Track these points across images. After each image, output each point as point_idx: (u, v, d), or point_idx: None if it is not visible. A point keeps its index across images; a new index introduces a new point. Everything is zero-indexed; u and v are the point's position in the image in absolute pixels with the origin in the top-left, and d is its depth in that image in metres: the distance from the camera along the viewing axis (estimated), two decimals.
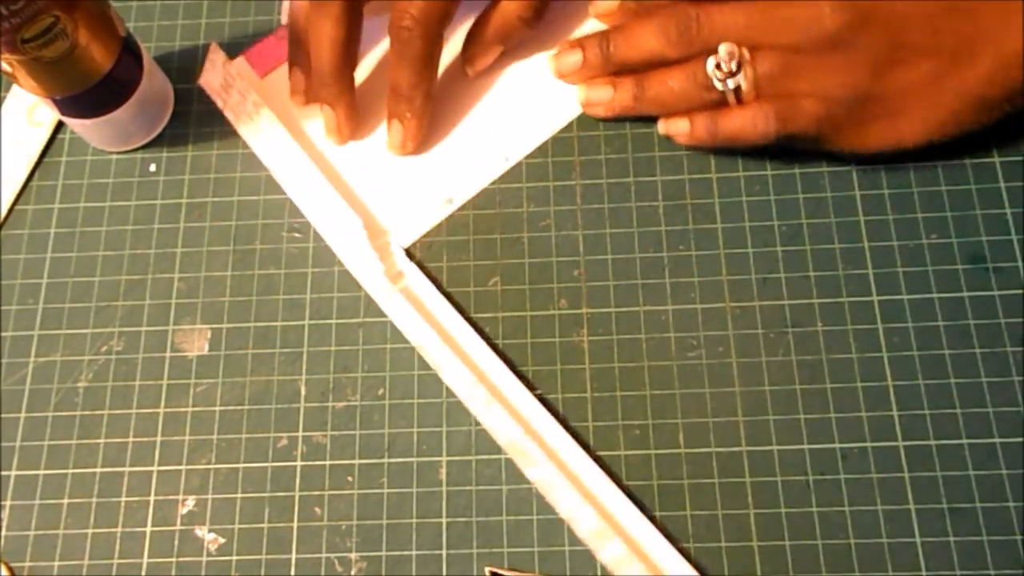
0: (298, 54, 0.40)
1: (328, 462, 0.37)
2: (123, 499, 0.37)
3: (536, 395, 0.36)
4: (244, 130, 0.41)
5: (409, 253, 0.39)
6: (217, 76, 0.42)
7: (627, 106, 0.39)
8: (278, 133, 0.40)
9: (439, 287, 0.38)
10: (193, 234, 0.41)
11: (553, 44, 0.42)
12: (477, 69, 0.41)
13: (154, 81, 0.41)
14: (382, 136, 0.41)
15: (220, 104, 0.42)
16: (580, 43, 0.40)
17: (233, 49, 0.44)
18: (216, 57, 0.42)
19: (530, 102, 0.41)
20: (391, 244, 0.39)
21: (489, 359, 0.37)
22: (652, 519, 0.35)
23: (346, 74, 0.39)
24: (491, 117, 0.41)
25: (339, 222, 0.39)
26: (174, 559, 0.36)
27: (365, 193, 0.40)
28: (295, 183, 0.40)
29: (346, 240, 0.39)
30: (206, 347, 0.39)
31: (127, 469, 0.37)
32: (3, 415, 0.38)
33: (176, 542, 0.36)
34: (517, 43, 0.41)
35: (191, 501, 0.36)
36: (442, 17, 0.38)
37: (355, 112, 0.41)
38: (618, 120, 0.41)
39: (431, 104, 0.40)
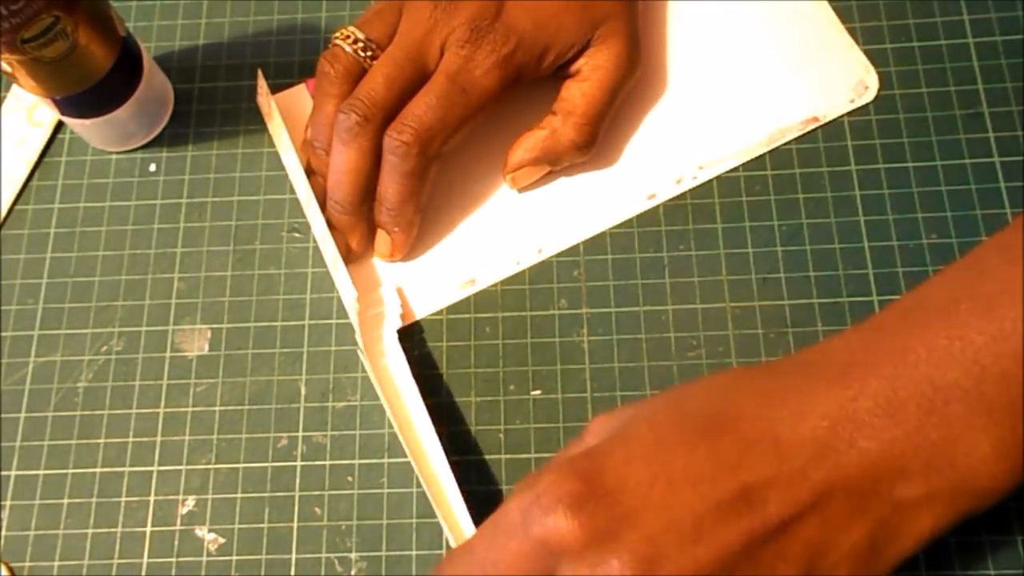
0: (318, 163, 0.38)
1: (328, 462, 0.37)
2: (123, 499, 0.37)
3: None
4: (285, 159, 0.41)
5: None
6: (264, 102, 0.41)
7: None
8: (301, 187, 0.39)
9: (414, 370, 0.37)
10: (193, 234, 0.41)
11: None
12: (519, 184, 0.39)
13: (154, 81, 0.41)
14: None
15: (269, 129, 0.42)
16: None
17: (234, 50, 0.44)
18: (260, 85, 0.41)
19: (567, 199, 0.40)
20: (385, 318, 0.38)
21: (433, 449, 0.35)
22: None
23: (364, 205, 0.37)
24: (526, 205, 0.40)
25: (340, 284, 0.38)
26: (174, 559, 0.36)
27: (382, 266, 0.39)
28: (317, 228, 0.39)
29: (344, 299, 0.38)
30: (206, 347, 0.39)
31: (127, 469, 0.37)
32: (3, 415, 0.38)
33: (176, 542, 0.36)
34: (567, 166, 0.39)
35: (191, 501, 0.36)
36: (445, 138, 0.35)
37: (368, 240, 0.38)
38: None
39: (420, 216, 0.38)
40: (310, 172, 0.39)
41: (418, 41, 0.36)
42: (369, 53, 0.36)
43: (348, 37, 0.36)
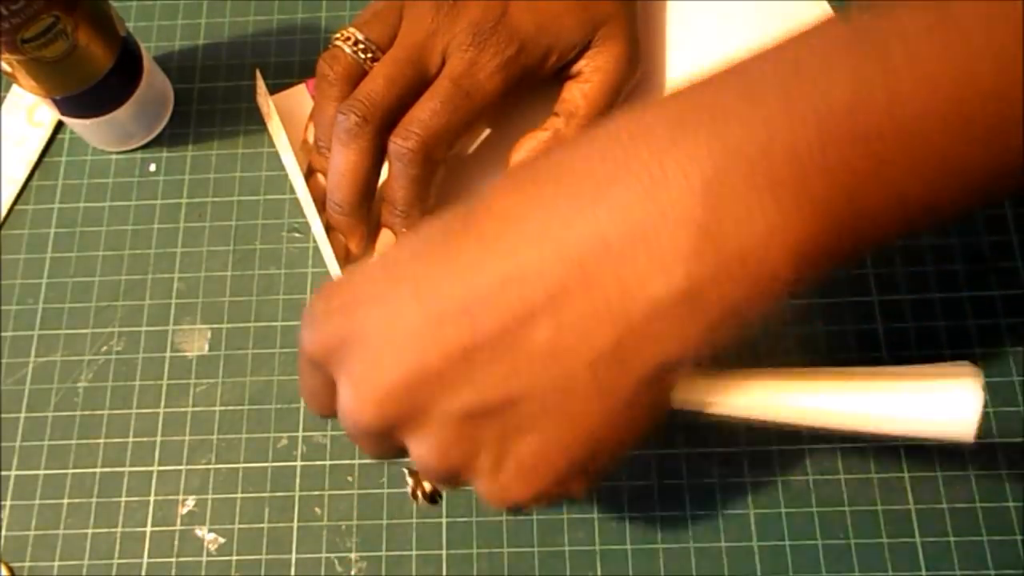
0: (321, 163, 0.38)
1: (328, 462, 0.37)
2: (123, 499, 0.37)
3: None
4: (284, 159, 0.41)
5: None
6: (263, 102, 0.41)
7: None
8: (300, 187, 0.39)
9: None
10: (193, 234, 0.41)
11: None
12: None
13: (154, 81, 0.41)
14: None
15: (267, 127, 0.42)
16: None
17: (234, 50, 0.44)
18: (259, 85, 0.41)
19: None
20: None
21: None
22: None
23: (363, 207, 0.37)
24: None
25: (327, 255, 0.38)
26: (174, 559, 0.36)
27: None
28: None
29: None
30: (206, 347, 0.39)
31: (127, 469, 0.37)
32: (3, 415, 0.38)
33: (176, 542, 0.36)
34: None
35: (191, 501, 0.36)
36: (450, 140, 0.35)
37: (366, 242, 0.38)
38: None
39: (426, 217, 0.37)
40: (310, 173, 0.39)
41: (419, 44, 0.36)
42: (369, 55, 0.36)
43: (348, 39, 0.36)
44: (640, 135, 0.22)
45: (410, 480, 0.30)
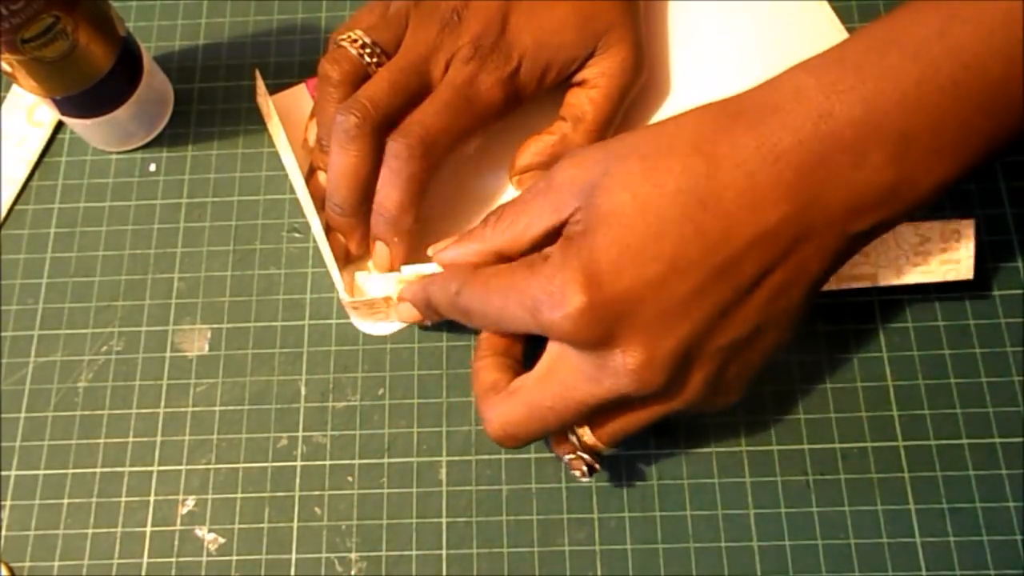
0: (322, 160, 0.38)
1: (328, 462, 0.37)
2: (123, 499, 0.37)
3: None
4: (284, 158, 0.41)
5: None
6: (263, 102, 0.41)
7: None
8: (300, 187, 0.39)
9: None
10: (193, 234, 0.41)
11: None
12: (525, 187, 0.37)
13: (154, 81, 0.41)
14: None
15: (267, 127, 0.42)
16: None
17: (234, 50, 0.44)
18: (259, 86, 0.41)
19: None
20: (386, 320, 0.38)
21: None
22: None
23: (363, 207, 0.36)
24: None
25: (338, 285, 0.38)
26: (174, 559, 0.36)
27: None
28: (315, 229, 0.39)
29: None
30: (206, 347, 0.39)
31: (127, 469, 0.37)
32: (3, 415, 0.38)
33: (176, 542, 0.36)
34: None
35: (191, 501, 0.36)
36: (449, 144, 0.35)
37: (366, 242, 0.38)
38: None
39: (417, 225, 0.37)
40: (310, 173, 0.39)
41: (423, 55, 0.36)
42: (375, 59, 0.36)
43: (355, 41, 0.36)
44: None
45: (572, 455, 0.33)
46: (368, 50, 0.36)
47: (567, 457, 0.33)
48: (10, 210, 0.41)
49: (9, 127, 0.43)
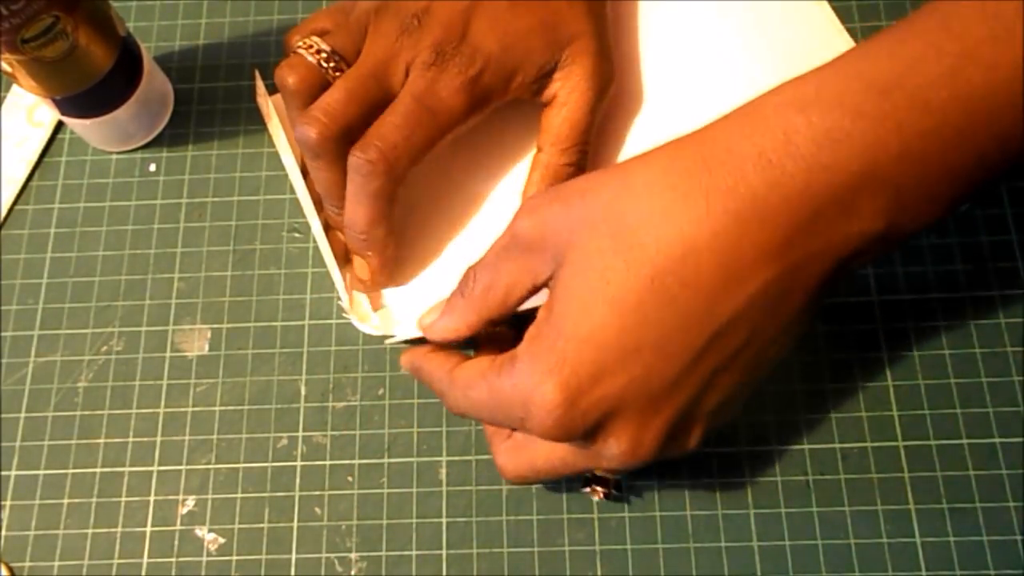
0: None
1: (328, 462, 0.37)
2: (123, 499, 0.37)
3: None
4: (285, 159, 0.41)
5: None
6: (263, 103, 0.41)
7: None
8: (300, 187, 0.39)
9: None
10: (193, 234, 0.41)
11: None
12: None
13: (154, 81, 0.41)
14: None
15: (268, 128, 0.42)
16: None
17: (234, 50, 0.44)
18: (258, 86, 0.41)
19: None
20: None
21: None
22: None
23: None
24: None
25: (338, 285, 0.38)
26: (174, 559, 0.36)
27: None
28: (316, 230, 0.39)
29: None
30: (206, 347, 0.39)
31: (127, 469, 0.37)
32: (3, 415, 0.38)
33: (176, 542, 0.36)
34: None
35: (191, 501, 0.36)
36: (411, 158, 0.34)
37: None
38: None
39: (394, 237, 0.36)
40: (307, 173, 0.39)
41: (382, 61, 0.35)
42: (332, 64, 0.35)
43: (311, 47, 0.35)
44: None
45: (595, 485, 0.34)
46: (325, 55, 0.35)
47: (585, 489, 0.34)
48: (10, 210, 0.41)
49: (9, 127, 0.43)
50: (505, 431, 0.33)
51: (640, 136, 0.40)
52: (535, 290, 0.30)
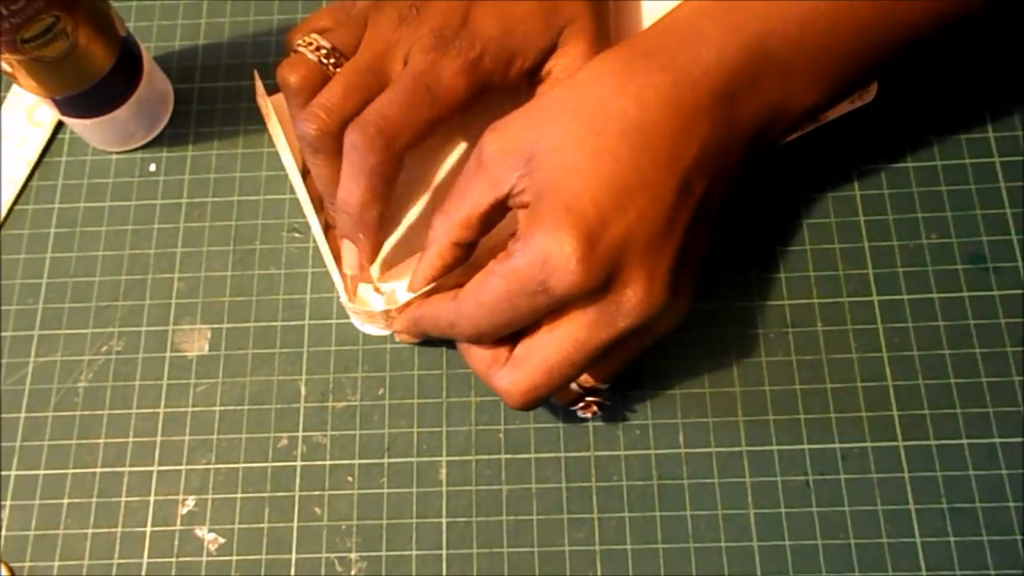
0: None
1: (328, 462, 0.37)
2: (123, 499, 0.37)
3: None
4: (284, 158, 0.41)
5: None
6: (263, 103, 0.41)
7: None
8: (300, 187, 0.39)
9: None
10: (193, 234, 0.41)
11: None
12: None
13: (154, 81, 0.41)
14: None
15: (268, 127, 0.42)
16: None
17: (234, 50, 0.44)
18: (258, 86, 0.41)
19: None
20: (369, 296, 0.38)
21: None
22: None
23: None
24: None
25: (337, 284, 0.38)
26: (174, 559, 0.36)
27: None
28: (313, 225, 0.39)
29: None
30: (206, 347, 0.39)
31: (127, 469, 0.37)
32: (3, 415, 0.38)
33: (176, 542, 0.36)
34: None
35: (191, 501, 0.36)
36: (411, 135, 0.34)
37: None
38: None
39: (384, 225, 0.36)
40: (307, 173, 0.39)
41: (381, 53, 0.35)
42: (332, 60, 0.35)
43: (310, 44, 0.35)
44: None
45: (582, 403, 0.35)
46: (325, 52, 0.35)
47: (579, 405, 0.35)
48: (10, 210, 0.41)
49: (9, 127, 0.43)
50: (501, 358, 0.33)
51: None
52: (498, 203, 0.32)
